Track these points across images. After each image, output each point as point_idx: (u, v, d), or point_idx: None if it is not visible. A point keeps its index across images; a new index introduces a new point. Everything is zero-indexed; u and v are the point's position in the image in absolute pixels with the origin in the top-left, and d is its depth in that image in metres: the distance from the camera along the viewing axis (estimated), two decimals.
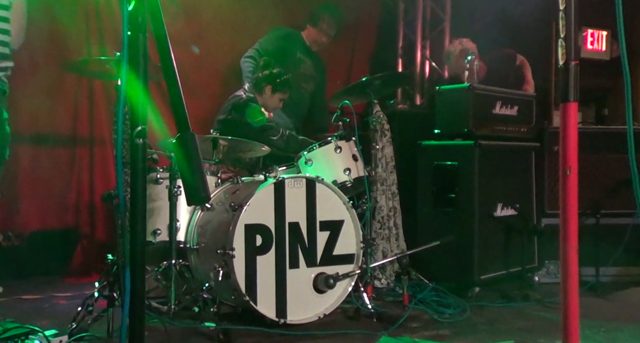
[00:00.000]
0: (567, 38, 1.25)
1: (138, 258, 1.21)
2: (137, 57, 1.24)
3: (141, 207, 1.25)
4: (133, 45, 1.23)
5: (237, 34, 4.79)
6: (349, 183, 3.63)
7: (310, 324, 3.13)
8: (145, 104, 1.24)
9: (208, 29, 4.73)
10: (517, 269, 3.98)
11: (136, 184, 1.23)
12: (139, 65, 1.23)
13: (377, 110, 3.96)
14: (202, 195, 1.25)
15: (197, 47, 4.58)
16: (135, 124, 1.23)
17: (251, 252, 3.08)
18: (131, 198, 1.24)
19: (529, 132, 4.23)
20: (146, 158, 1.29)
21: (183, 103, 1.28)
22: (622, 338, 3.01)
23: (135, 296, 1.21)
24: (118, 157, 1.46)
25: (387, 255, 3.92)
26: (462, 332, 3.09)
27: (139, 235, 1.23)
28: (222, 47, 4.80)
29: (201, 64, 4.70)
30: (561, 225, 1.30)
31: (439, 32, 5.65)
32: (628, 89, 1.32)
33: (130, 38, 1.24)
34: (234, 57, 4.69)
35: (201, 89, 4.58)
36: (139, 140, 1.24)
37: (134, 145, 1.23)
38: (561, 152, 1.31)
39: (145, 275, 1.29)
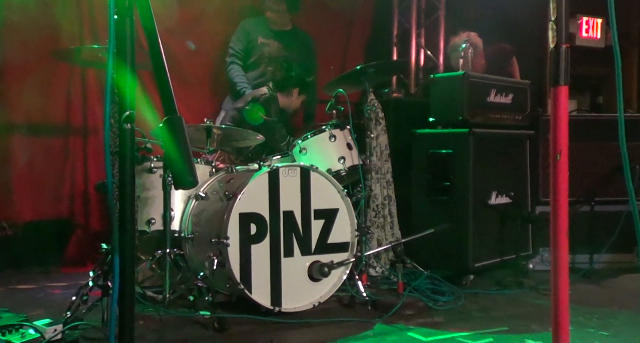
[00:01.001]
0: (558, 21, 1.24)
1: (127, 246, 1.20)
2: (124, 41, 1.22)
3: (130, 193, 1.24)
4: (120, 29, 1.22)
5: (230, 23, 4.76)
6: (344, 171, 3.63)
7: (305, 312, 3.15)
8: (133, 89, 1.23)
9: (201, 18, 4.70)
10: (512, 257, 3.99)
11: (125, 170, 1.22)
12: (126, 50, 1.22)
13: (372, 99, 3.95)
14: (189, 179, 1.24)
15: (192, 42, 4.56)
16: (123, 109, 1.22)
17: (246, 240, 3.08)
18: (120, 184, 1.24)
19: (524, 120, 4.22)
20: (135, 143, 1.28)
21: (170, 87, 1.27)
22: (616, 324, 3.02)
23: (125, 283, 1.21)
24: (106, 142, 1.45)
25: (381, 244, 3.93)
26: (456, 319, 3.11)
27: (128, 222, 1.23)
28: (216, 36, 4.78)
29: (194, 54, 4.67)
30: (551, 209, 1.30)
31: (433, 20, 5.63)
32: (619, 77, 1.32)
33: (117, 22, 1.22)
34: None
35: (194, 78, 4.56)
36: (127, 126, 1.23)
37: (122, 130, 1.22)
38: (551, 137, 1.30)
39: (135, 263, 1.29)
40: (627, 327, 2.97)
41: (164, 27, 4.48)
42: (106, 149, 1.38)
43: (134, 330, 1.23)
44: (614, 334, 2.87)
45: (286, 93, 4.27)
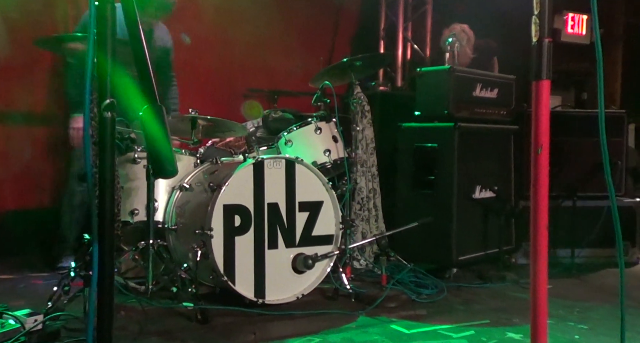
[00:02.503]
0: (541, 15, 1.25)
1: (107, 235, 1.19)
2: (105, 27, 1.20)
3: (110, 183, 1.23)
4: (101, 15, 1.20)
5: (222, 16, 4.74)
6: (329, 164, 3.63)
7: (289, 304, 3.15)
8: (114, 76, 1.21)
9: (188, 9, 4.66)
10: (495, 250, 4.02)
11: (105, 159, 1.21)
12: (106, 36, 1.20)
13: (358, 92, 3.94)
14: (169, 168, 1.23)
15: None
16: (103, 97, 1.21)
17: (230, 232, 3.07)
18: (99, 174, 1.22)
19: (509, 114, 4.25)
20: (115, 132, 1.26)
21: (151, 75, 1.26)
22: (596, 317, 3.06)
23: (105, 273, 1.20)
24: (86, 131, 1.44)
25: (366, 236, 3.94)
26: (439, 312, 3.13)
27: (108, 211, 1.21)
28: (200, 26, 4.74)
29: (183, 46, 4.63)
30: (531, 203, 1.31)
31: (421, 14, 5.64)
32: (600, 73, 1.33)
33: (98, 8, 1.20)
34: (219, 38, 4.65)
35: (178, 70, 4.52)
36: (108, 114, 1.22)
37: (103, 118, 1.21)
38: (533, 131, 1.31)
39: (115, 253, 1.28)
40: (606, 320, 3.01)
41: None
42: (86, 138, 1.36)
43: (112, 321, 1.22)
44: (592, 327, 2.91)
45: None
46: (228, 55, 4.97)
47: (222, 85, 5.01)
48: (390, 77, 5.61)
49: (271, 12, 5.13)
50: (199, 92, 4.79)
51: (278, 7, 5.08)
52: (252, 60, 5.08)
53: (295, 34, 5.23)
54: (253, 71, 5.09)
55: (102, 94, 1.20)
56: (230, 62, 5.00)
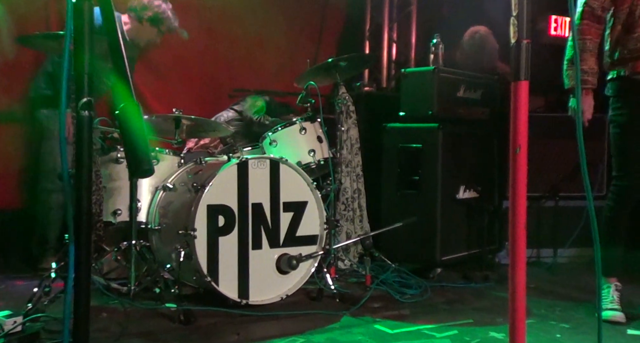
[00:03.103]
0: (519, 16, 1.26)
1: (83, 235, 1.18)
2: (83, 24, 1.19)
3: (87, 183, 1.22)
4: (78, 12, 1.19)
5: (207, 14, 4.71)
6: (314, 164, 3.63)
7: (273, 305, 3.14)
8: (91, 74, 1.20)
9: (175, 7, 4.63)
10: (478, 250, 4.05)
11: (82, 158, 1.20)
12: (84, 34, 1.19)
13: (343, 92, 3.95)
14: (145, 167, 1.22)
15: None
16: (80, 95, 1.19)
17: (213, 232, 3.06)
18: (76, 172, 1.21)
19: (492, 115, 4.27)
20: (92, 131, 1.25)
21: (127, 73, 1.25)
22: (577, 316, 3.09)
23: (81, 274, 1.18)
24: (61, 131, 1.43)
25: (350, 237, 3.94)
26: (423, 312, 3.14)
27: (85, 210, 1.20)
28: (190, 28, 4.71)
29: (165, 43, 4.60)
30: (510, 202, 1.32)
31: (406, 15, 5.66)
32: (578, 76, 1.34)
33: (76, 5, 1.19)
34: (204, 37, 4.63)
35: (164, 68, 4.50)
36: (85, 113, 1.20)
37: (80, 117, 1.20)
38: (511, 131, 1.32)
39: (91, 253, 1.26)
40: (587, 319, 3.03)
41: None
42: (61, 137, 1.35)
43: (88, 323, 1.21)
44: (574, 326, 2.93)
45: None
46: (214, 54, 4.95)
47: (208, 85, 4.98)
48: (375, 78, 5.63)
49: (257, 12, 5.12)
50: (184, 92, 4.77)
51: (264, 7, 5.07)
52: (238, 60, 5.06)
53: (281, 33, 5.23)
54: (239, 71, 5.08)
55: (79, 92, 1.19)
56: (215, 61, 4.98)
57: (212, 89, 5.00)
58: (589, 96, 2.93)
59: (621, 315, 2.96)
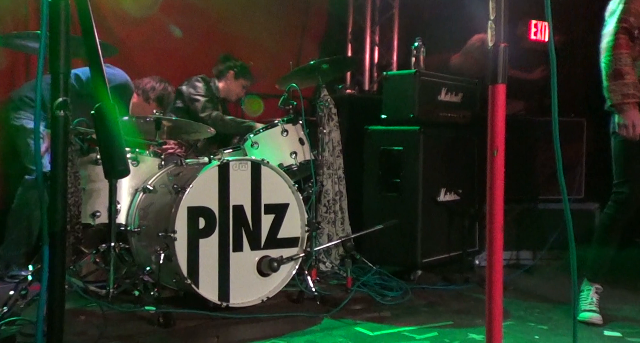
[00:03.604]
0: (497, 20, 1.27)
1: (58, 236, 1.16)
2: (59, 24, 1.17)
3: (62, 184, 1.20)
4: (54, 11, 1.17)
5: (190, 14, 4.69)
6: (295, 166, 3.63)
7: (253, 307, 3.13)
8: (67, 74, 1.19)
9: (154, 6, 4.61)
10: (459, 253, 4.07)
11: (57, 158, 1.18)
12: (60, 33, 1.17)
13: (325, 94, 3.96)
14: (120, 168, 1.21)
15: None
16: (56, 95, 1.18)
17: (194, 235, 3.04)
18: (51, 173, 1.19)
19: (473, 118, 4.31)
20: (68, 132, 1.24)
21: (104, 74, 1.24)
22: (555, 318, 3.12)
23: (55, 275, 1.17)
24: (36, 130, 1.41)
25: (332, 239, 3.95)
26: (403, 314, 3.15)
27: (60, 211, 1.18)
28: (167, 28, 4.69)
29: (146, 43, 4.58)
30: (487, 205, 1.33)
31: (388, 18, 5.68)
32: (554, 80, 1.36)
33: (52, 4, 1.17)
34: (185, 38, 4.61)
35: (145, 68, 4.46)
36: (60, 113, 1.19)
37: (55, 117, 1.18)
38: (489, 134, 1.33)
39: (65, 254, 1.25)
40: (565, 321, 3.07)
41: (114, 16, 4.39)
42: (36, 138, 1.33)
43: (62, 326, 1.19)
44: (552, 328, 2.96)
45: (221, 78, 4.39)
46: (195, 56, 4.92)
47: None
48: (357, 80, 5.65)
49: (239, 14, 5.10)
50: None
51: (246, 9, 5.06)
52: None
53: (263, 35, 5.21)
54: None
55: (55, 92, 1.17)
56: (197, 63, 4.95)
57: None
58: (636, 110, 2.92)
59: (598, 316, 3.00)
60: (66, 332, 2.59)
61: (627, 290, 3.70)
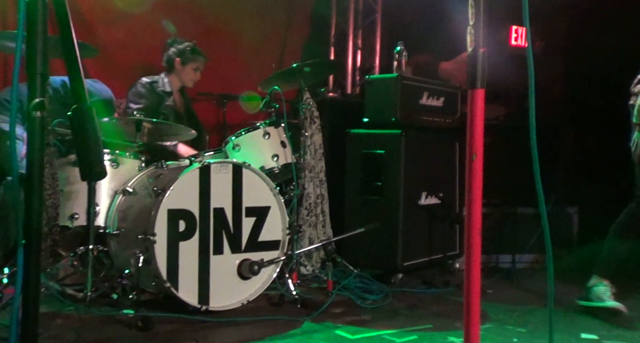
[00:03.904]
0: (476, 25, 1.28)
1: (33, 238, 1.15)
2: (36, 24, 1.16)
3: (38, 185, 1.18)
4: (32, 11, 1.15)
5: (172, 15, 4.66)
6: (277, 169, 3.63)
7: (233, 311, 3.11)
8: (45, 75, 1.17)
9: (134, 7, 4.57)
10: (439, 256, 4.09)
11: (33, 160, 1.16)
12: (37, 33, 1.16)
13: (307, 97, 3.96)
14: (96, 170, 1.20)
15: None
16: (32, 96, 1.16)
17: (174, 237, 3.02)
18: (27, 174, 1.17)
19: (454, 122, 4.33)
20: (45, 133, 1.22)
21: (81, 74, 1.22)
22: (533, 321, 3.15)
23: (29, 278, 1.15)
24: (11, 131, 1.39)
25: (313, 242, 3.94)
26: (384, 317, 3.15)
27: (35, 212, 1.17)
28: (151, 25, 4.66)
29: (128, 44, 4.54)
30: (466, 208, 1.34)
31: (371, 22, 5.71)
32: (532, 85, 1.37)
33: (28, 4, 1.16)
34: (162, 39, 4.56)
35: (126, 70, 4.43)
36: (37, 114, 1.17)
37: (32, 118, 1.16)
38: (468, 138, 1.34)
39: (40, 257, 1.23)
40: (544, 324, 3.09)
41: (94, 16, 4.35)
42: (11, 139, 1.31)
43: (37, 330, 1.17)
44: (531, 331, 2.99)
45: (170, 70, 4.23)
46: None
47: None
48: (340, 84, 5.66)
49: (222, 16, 5.09)
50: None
51: (229, 11, 5.04)
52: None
53: (246, 38, 5.20)
54: (203, 75, 5.02)
55: (32, 93, 1.15)
56: None
57: None
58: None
59: (623, 306, 3.10)
60: (42, 336, 2.57)
61: None
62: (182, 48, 4.18)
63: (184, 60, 4.18)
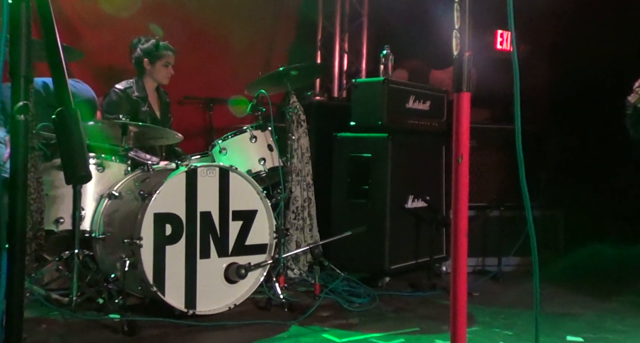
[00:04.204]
0: (462, 29, 1.29)
1: (17, 242, 1.13)
2: (19, 26, 1.15)
3: (22, 187, 1.17)
4: (14, 14, 1.14)
5: (157, 19, 4.64)
6: (264, 173, 3.62)
7: (220, 315, 3.10)
8: (29, 78, 1.16)
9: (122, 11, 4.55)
10: (426, 259, 4.09)
11: (17, 163, 1.15)
12: (20, 36, 1.15)
13: (294, 101, 3.96)
14: (81, 173, 1.19)
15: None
16: (16, 99, 1.15)
17: (160, 241, 3.00)
18: (11, 177, 1.16)
19: (440, 126, 4.36)
20: (29, 136, 1.21)
21: (65, 78, 1.21)
22: (519, 324, 3.17)
23: (13, 282, 1.14)
24: None
25: (300, 246, 3.94)
26: (371, 321, 3.16)
27: (19, 216, 1.15)
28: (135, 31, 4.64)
29: (113, 47, 4.52)
30: (452, 211, 1.35)
31: (357, 26, 5.72)
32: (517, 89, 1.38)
33: (12, 6, 1.15)
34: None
35: (110, 73, 4.40)
36: (21, 117, 1.16)
37: (16, 122, 1.15)
38: (454, 141, 1.35)
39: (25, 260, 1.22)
40: (530, 326, 3.11)
41: (80, 19, 4.33)
42: None
43: (21, 334, 1.16)
44: (517, 333, 3.01)
45: (141, 72, 4.07)
46: None
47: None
48: (326, 88, 5.67)
49: (209, 20, 5.08)
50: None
51: (216, 15, 5.03)
52: (189, 68, 4.99)
53: (233, 42, 5.20)
54: (189, 78, 5.01)
55: (16, 96, 1.14)
56: None
57: None
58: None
59: None
60: (27, 342, 2.54)
61: (591, 296, 3.77)
62: (148, 47, 4.01)
63: (152, 59, 4.00)
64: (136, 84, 4.02)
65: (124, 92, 3.96)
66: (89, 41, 4.37)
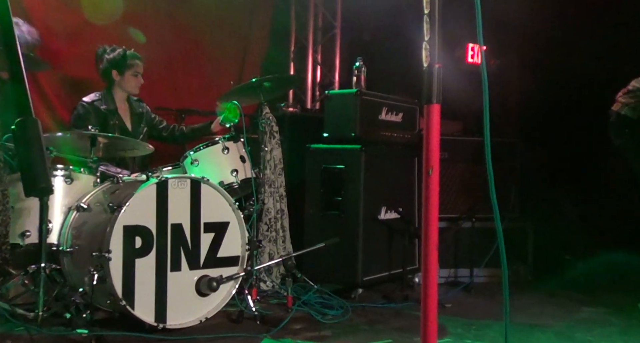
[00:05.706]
0: (431, 41, 1.31)
1: None
2: None
3: None
4: None
5: (123, 27, 4.60)
6: (236, 184, 3.60)
7: (191, 328, 3.06)
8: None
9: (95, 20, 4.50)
10: (399, 271, 4.10)
11: None
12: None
13: (267, 112, 3.95)
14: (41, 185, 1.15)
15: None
16: None
17: (130, 254, 2.95)
18: None
19: (413, 138, 4.39)
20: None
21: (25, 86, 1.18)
22: (491, 335, 3.18)
23: None
24: None
25: (273, 258, 3.91)
26: (344, 333, 3.14)
27: None
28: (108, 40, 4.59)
29: (89, 61, 4.45)
30: (423, 222, 1.35)
31: (330, 38, 5.76)
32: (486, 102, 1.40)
33: None
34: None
35: (88, 83, 4.33)
36: None
37: None
38: (424, 153, 1.36)
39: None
40: (499, 336, 3.13)
41: (46, 28, 4.25)
42: None
43: None
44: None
45: (110, 82, 3.96)
46: None
47: None
48: (299, 99, 5.68)
49: (181, 31, 5.06)
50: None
51: (188, 26, 5.01)
52: (160, 79, 4.95)
53: (205, 53, 5.18)
54: (160, 90, 4.97)
55: None
56: None
57: None
58: None
59: None
60: None
61: (560, 307, 3.82)
62: (115, 57, 3.90)
63: (120, 69, 3.91)
64: (104, 96, 3.94)
65: (91, 105, 3.88)
66: (56, 51, 4.31)
